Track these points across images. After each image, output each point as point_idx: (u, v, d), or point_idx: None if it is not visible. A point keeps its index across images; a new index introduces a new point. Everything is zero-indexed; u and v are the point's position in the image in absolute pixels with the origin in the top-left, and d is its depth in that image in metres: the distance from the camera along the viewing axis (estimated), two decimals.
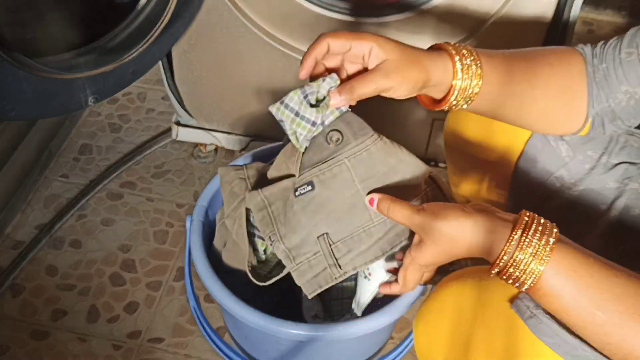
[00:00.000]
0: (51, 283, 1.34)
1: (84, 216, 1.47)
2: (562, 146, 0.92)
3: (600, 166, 0.91)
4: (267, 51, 1.28)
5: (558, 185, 0.92)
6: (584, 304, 0.64)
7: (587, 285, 0.64)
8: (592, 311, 0.63)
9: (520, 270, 0.66)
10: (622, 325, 0.62)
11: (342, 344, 1.07)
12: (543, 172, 0.93)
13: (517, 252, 0.66)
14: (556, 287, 0.65)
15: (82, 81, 1.00)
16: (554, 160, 0.92)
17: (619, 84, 0.81)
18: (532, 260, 0.65)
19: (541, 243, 0.65)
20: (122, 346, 1.26)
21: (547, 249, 0.65)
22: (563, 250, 0.66)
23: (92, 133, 1.65)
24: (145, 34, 1.01)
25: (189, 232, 1.08)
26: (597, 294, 0.63)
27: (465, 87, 0.78)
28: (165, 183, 1.54)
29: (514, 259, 0.66)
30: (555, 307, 0.66)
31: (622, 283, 0.63)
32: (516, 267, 0.66)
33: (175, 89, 1.42)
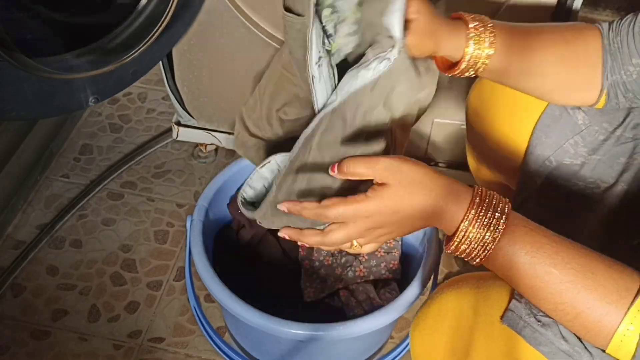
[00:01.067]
0: (52, 283, 1.34)
1: (84, 216, 1.47)
2: (578, 114, 0.94)
3: (613, 138, 0.92)
4: (268, 51, 1.28)
5: (572, 151, 0.94)
6: (541, 261, 0.66)
7: (542, 245, 0.67)
8: (548, 269, 0.66)
9: (475, 243, 0.69)
10: (575, 282, 0.64)
11: (342, 343, 1.07)
12: (558, 137, 0.95)
13: (471, 228, 0.69)
14: (511, 253, 0.68)
15: (83, 81, 1.00)
16: (569, 126, 0.94)
17: (630, 57, 0.83)
18: (486, 232, 0.68)
19: (495, 216, 0.68)
20: (122, 346, 1.26)
21: (501, 222, 0.68)
22: (516, 221, 0.69)
23: (93, 133, 1.65)
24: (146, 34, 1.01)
25: (190, 232, 1.09)
26: (552, 252, 0.66)
27: (476, 57, 0.83)
28: (166, 183, 1.55)
29: (469, 232, 0.69)
30: (512, 273, 0.68)
31: (576, 247, 0.67)
32: (471, 241, 0.69)
33: (175, 89, 1.42)
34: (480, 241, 0.68)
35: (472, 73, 0.86)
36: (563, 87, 0.88)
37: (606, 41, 0.84)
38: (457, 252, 0.71)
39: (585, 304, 0.64)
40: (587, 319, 0.64)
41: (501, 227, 0.68)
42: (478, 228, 0.68)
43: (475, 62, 0.85)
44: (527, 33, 0.86)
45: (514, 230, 0.68)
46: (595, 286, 0.64)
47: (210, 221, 1.14)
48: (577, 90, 0.88)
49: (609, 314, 0.63)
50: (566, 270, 0.65)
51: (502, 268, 0.69)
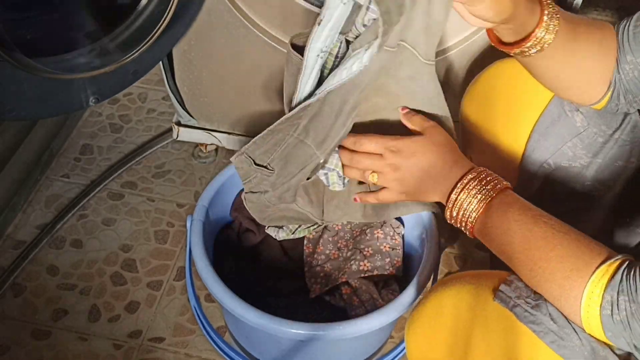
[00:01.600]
0: (52, 283, 1.34)
1: (85, 216, 1.47)
2: (577, 116, 0.94)
3: (612, 141, 0.93)
4: (267, 51, 1.29)
5: (570, 154, 0.94)
6: (525, 221, 0.74)
7: (527, 209, 0.75)
8: (530, 227, 0.73)
9: (462, 209, 0.80)
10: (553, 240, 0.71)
11: (342, 343, 1.07)
12: (557, 140, 0.96)
13: (462, 195, 0.80)
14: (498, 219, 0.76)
15: (83, 81, 1.00)
16: (568, 129, 0.95)
17: (625, 54, 0.84)
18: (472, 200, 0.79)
19: (487, 188, 0.78)
20: (122, 345, 1.26)
21: (489, 194, 0.78)
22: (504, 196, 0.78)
23: (93, 133, 1.65)
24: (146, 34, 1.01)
25: (190, 232, 1.09)
26: (536, 215, 0.74)
27: (542, 38, 0.83)
28: (166, 183, 1.55)
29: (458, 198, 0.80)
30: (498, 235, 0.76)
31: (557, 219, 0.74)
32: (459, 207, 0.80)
33: (176, 89, 1.42)
34: (468, 207, 0.79)
35: (530, 54, 0.86)
36: (588, 78, 0.89)
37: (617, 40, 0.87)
38: (450, 217, 0.82)
39: (560, 261, 0.69)
40: (561, 274, 0.69)
41: (490, 195, 0.78)
42: (467, 195, 0.79)
43: (536, 44, 0.84)
44: (575, 22, 0.87)
45: (500, 199, 0.77)
46: (571, 246, 0.70)
47: (211, 221, 1.14)
48: (592, 86, 0.89)
49: (579, 271, 0.68)
50: (547, 229, 0.72)
51: (489, 234, 0.77)
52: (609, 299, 0.65)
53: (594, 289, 0.67)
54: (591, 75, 0.88)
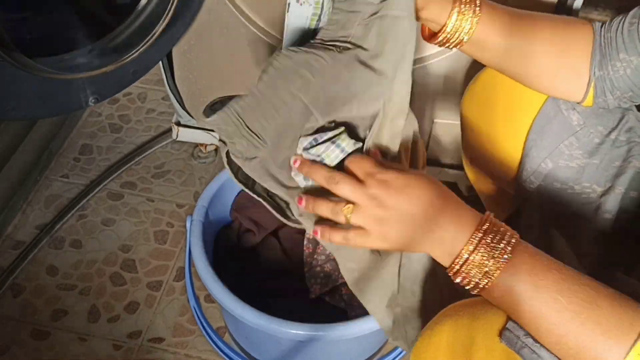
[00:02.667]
0: (51, 283, 1.34)
1: (84, 216, 1.47)
2: (573, 115, 0.94)
3: (609, 142, 0.93)
4: (268, 51, 1.28)
5: (567, 153, 0.94)
6: (547, 287, 0.64)
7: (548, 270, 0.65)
8: (554, 295, 0.63)
9: (476, 270, 0.67)
10: (580, 313, 0.62)
11: (342, 343, 1.07)
12: (553, 138, 0.95)
13: (475, 253, 0.67)
14: (511, 284, 0.65)
15: (82, 81, 1.00)
16: (564, 127, 0.94)
17: (617, 52, 0.83)
18: (488, 260, 0.66)
19: (500, 245, 0.66)
20: (122, 346, 1.26)
21: (507, 252, 0.66)
22: (522, 252, 0.67)
23: (93, 133, 1.65)
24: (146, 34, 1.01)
25: (189, 233, 1.08)
26: (559, 279, 0.64)
27: (458, 28, 0.84)
28: (166, 183, 1.54)
29: (470, 259, 0.67)
30: (514, 302, 0.66)
31: (581, 277, 0.65)
32: (473, 267, 0.67)
33: (175, 89, 1.42)
34: (483, 267, 0.67)
35: (452, 45, 0.87)
36: (550, 73, 0.88)
37: (597, 37, 0.85)
38: (457, 277, 0.69)
39: (588, 338, 0.62)
40: (589, 354, 0.62)
41: (507, 255, 0.66)
42: (482, 254, 0.67)
43: (455, 34, 0.85)
44: (519, 15, 0.87)
45: (519, 258, 0.67)
46: (600, 320, 0.62)
47: (210, 221, 1.14)
48: (564, 80, 0.88)
49: (611, 350, 0.61)
50: (572, 298, 0.63)
51: (503, 297, 0.67)
52: None
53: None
54: (556, 68, 0.87)
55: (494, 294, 0.68)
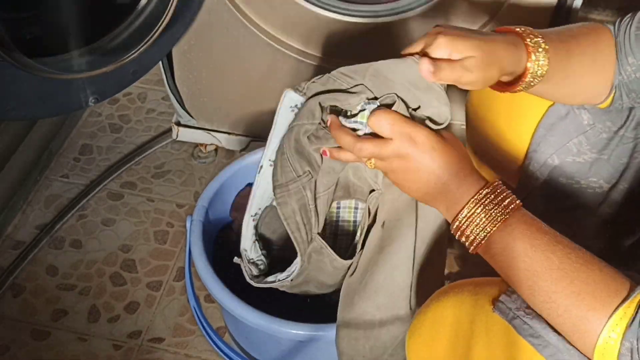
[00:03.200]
0: (51, 283, 1.34)
1: (84, 216, 1.47)
2: (584, 114, 0.94)
3: (617, 139, 0.93)
4: (267, 51, 1.29)
5: (575, 150, 0.94)
6: (541, 247, 0.68)
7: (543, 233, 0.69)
8: (547, 254, 0.67)
9: (474, 225, 0.71)
10: (570, 272, 0.65)
11: None
12: (562, 136, 0.95)
13: (475, 209, 0.71)
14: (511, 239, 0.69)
15: (83, 81, 1.00)
16: (575, 126, 0.94)
17: (626, 56, 0.84)
18: (485, 217, 0.71)
19: (499, 207, 0.70)
20: (122, 346, 1.26)
21: (504, 213, 0.70)
22: (519, 217, 0.70)
23: (93, 133, 1.65)
24: (146, 34, 1.01)
25: (189, 232, 1.08)
26: (553, 241, 0.68)
27: (537, 70, 0.79)
28: (166, 183, 1.54)
29: (473, 213, 0.71)
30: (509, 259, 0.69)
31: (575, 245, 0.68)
32: (471, 221, 0.71)
33: (175, 89, 1.42)
34: (480, 224, 0.71)
35: (533, 85, 0.82)
36: (586, 89, 0.88)
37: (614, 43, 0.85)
38: (457, 232, 0.73)
39: (576, 298, 0.64)
40: (575, 313, 0.64)
41: (506, 214, 0.70)
42: (481, 212, 0.71)
43: (534, 77, 0.81)
44: (565, 39, 0.84)
45: (517, 218, 0.70)
46: (588, 281, 0.64)
47: (210, 221, 1.14)
48: (595, 90, 0.88)
49: (596, 311, 0.63)
50: (563, 259, 0.66)
51: (498, 255, 0.71)
52: (629, 346, 0.61)
53: (611, 334, 0.62)
54: (591, 85, 0.87)
55: (490, 252, 0.71)
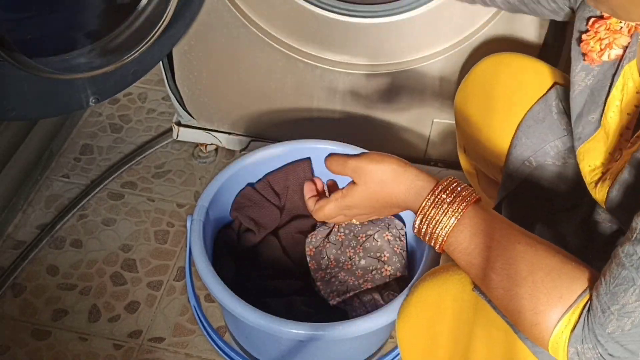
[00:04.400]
0: (52, 283, 1.34)
1: (85, 216, 1.47)
2: (562, 119, 0.95)
3: None
4: (267, 51, 1.29)
5: (552, 153, 0.95)
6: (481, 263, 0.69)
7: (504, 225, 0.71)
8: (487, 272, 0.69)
9: (433, 226, 0.73)
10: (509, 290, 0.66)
11: (342, 343, 1.07)
12: (539, 139, 0.96)
13: (432, 209, 0.73)
14: (461, 242, 0.71)
15: (83, 81, 1.00)
16: (552, 130, 0.95)
17: None
18: (442, 216, 0.72)
19: (455, 203, 0.72)
20: (122, 346, 1.26)
21: (459, 208, 0.72)
22: (475, 211, 0.72)
23: (93, 133, 1.65)
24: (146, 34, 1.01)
25: (190, 232, 1.08)
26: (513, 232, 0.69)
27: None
28: (166, 183, 1.55)
29: (429, 214, 0.73)
30: (461, 262, 0.72)
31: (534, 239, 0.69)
32: (429, 223, 0.73)
33: (176, 89, 1.43)
34: (438, 222, 0.73)
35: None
36: None
37: None
38: (420, 233, 0.76)
39: (533, 290, 0.65)
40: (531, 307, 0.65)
41: (459, 211, 0.72)
42: (436, 209, 0.73)
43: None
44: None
45: (473, 216, 0.72)
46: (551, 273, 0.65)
47: (211, 221, 1.14)
48: None
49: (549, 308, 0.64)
50: (526, 248, 0.67)
51: (456, 255, 0.73)
52: (574, 351, 0.63)
53: (559, 340, 0.64)
54: None
55: (451, 249, 0.73)
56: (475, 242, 0.70)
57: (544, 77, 0.99)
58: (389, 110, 1.37)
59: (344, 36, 1.25)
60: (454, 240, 0.72)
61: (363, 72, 1.30)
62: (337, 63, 1.29)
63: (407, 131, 1.41)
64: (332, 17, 1.22)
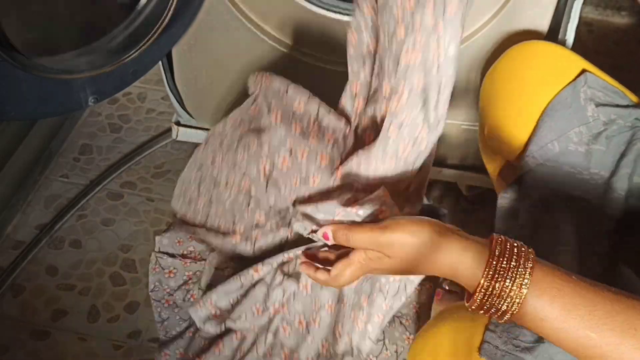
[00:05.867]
0: (51, 283, 1.34)
1: (84, 216, 1.47)
2: (589, 106, 0.94)
3: (615, 125, 0.93)
4: (267, 51, 1.29)
5: (576, 139, 0.94)
6: (574, 324, 0.60)
7: (574, 305, 0.60)
8: (585, 332, 0.59)
9: (500, 299, 0.62)
10: (617, 344, 0.58)
11: None
12: (564, 123, 0.95)
13: (495, 281, 0.62)
14: (541, 309, 0.61)
15: (82, 81, 1.00)
16: (578, 116, 0.94)
17: None
18: (511, 286, 0.62)
19: (519, 267, 0.62)
20: (122, 346, 1.26)
21: (527, 272, 0.62)
22: (543, 271, 0.62)
23: (93, 133, 1.65)
24: (146, 34, 1.01)
25: None
26: (586, 312, 0.60)
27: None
28: (166, 183, 1.54)
29: (492, 287, 0.62)
30: (546, 331, 0.62)
31: (610, 299, 0.60)
32: (495, 296, 0.63)
33: (175, 89, 1.42)
34: (506, 296, 0.62)
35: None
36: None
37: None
38: (481, 309, 0.65)
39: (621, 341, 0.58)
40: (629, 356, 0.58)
41: (527, 278, 0.62)
42: (501, 282, 0.62)
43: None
44: None
45: (541, 281, 0.62)
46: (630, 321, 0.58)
47: None
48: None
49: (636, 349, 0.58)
50: (605, 332, 0.59)
51: (534, 324, 0.63)
52: None
53: None
54: None
55: (523, 320, 0.63)
56: (558, 303, 0.61)
57: (573, 63, 1.00)
58: None
59: (344, 36, 1.25)
60: (532, 309, 0.62)
61: None
62: (337, 63, 1.29)
63: None
64: (332, 16, 1.21)
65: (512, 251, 0.63)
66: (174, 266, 0.96)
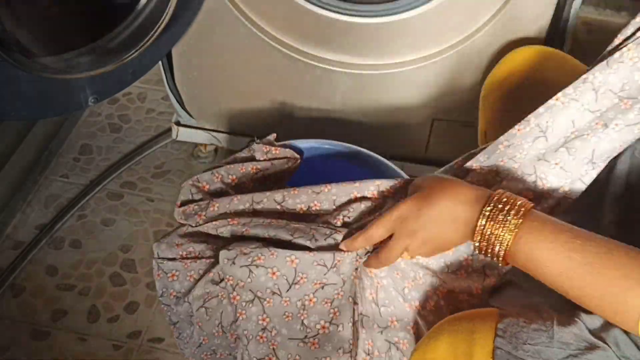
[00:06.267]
0: (51, 283, 1.34)
1: (84, 216, 1.47)
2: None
3: None
4: (267, 51, 1.28)
5: None
6: (560, 248, 0.68)
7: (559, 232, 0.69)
8: (567, 254, 0.67)
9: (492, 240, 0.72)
10: (594, 263, 0.66)
11: None
12: None
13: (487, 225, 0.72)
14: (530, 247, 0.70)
15: (82, 81, 1.00)
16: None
17: None
18: (501, 229, 0.71)
19: (510, 213, 0.71)
20: (122, 346, 1.26)
21: (517, 217, 0.70)
22: (533, 216, 0.71)
23: (92, 133, 1.65)
24: (146, 34, 1.01)
25: None
26: (569, 238, 0.68)
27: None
28: (165, 183, 1.54)
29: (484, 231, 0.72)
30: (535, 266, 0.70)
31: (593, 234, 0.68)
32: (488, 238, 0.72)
33: (175, 89, 1.42)
34: (498, 237, 0.71)
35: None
36: None
37: None
38: (481, 251, 0.74)
39: (608, 284, 0.65)
40: (613, 299, 0.64)
41: (517, 222, 0.70)
42: (493, 225, 0.71)
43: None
44: None
45: (530, 225, 0.70)
46: (616, 266, 0.65)
47: None
48: None
49: (631, 290, 0.63)
50: (585, 254, 0.66)
51: (525, 262, 0.71)
52: None
53: None
54: None
55: (515, 260, 0.72)
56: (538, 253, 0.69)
57: (572, 68, 1.00)
58: (389, 110, 1.36)
59: (343, 36, 1.25)
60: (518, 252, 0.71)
61: (363, 71, 1.30)
62: (337, 63, 1.28)
63: (407, 131, 1.41)
64: (332, 16, 1.21)
65: (508, 201, 0.72)
66: (175, 269, 0.96)
